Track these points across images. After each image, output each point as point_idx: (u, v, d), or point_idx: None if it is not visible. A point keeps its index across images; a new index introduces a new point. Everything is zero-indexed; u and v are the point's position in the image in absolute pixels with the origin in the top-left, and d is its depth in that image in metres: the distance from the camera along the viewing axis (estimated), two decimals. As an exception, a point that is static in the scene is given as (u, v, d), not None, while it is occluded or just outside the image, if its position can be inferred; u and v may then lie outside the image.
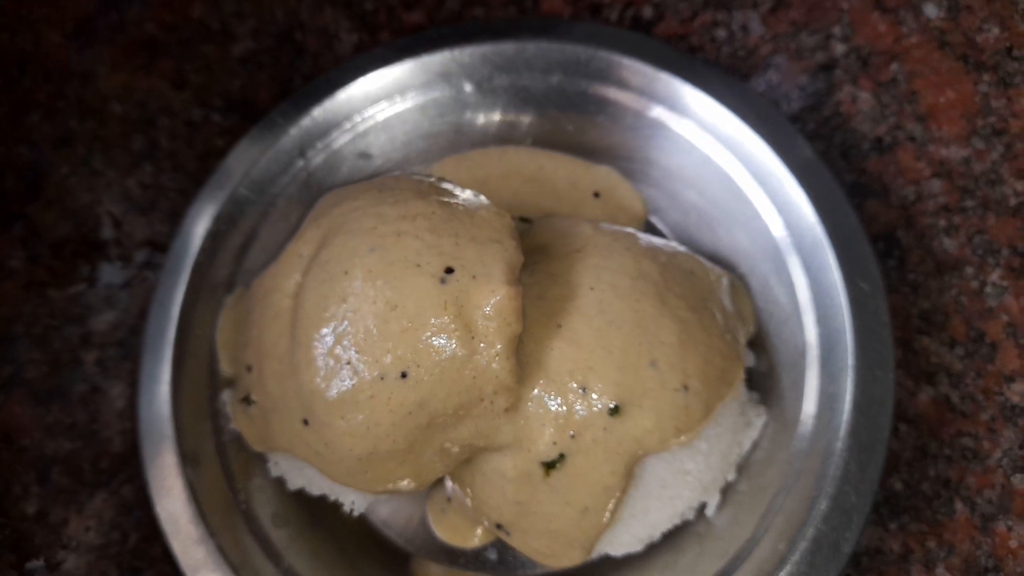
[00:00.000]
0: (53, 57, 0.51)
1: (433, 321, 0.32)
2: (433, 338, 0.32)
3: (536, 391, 0.34)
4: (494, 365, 0.33)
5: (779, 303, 0.39)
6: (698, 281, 0.38)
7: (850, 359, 0.36)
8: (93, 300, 0.45)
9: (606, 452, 0.34)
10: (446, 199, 0.35)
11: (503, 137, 0.44)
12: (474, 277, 0.33)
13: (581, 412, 0.34)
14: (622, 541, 0.37)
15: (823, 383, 0.36)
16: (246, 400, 0.38)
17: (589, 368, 0.34)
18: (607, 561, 0.38)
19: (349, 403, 0.33)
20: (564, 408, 0.34)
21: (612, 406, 0.34)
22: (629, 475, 0.35)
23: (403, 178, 0.38)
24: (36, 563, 0.40)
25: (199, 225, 0.41)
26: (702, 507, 0.37)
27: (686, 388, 0.35)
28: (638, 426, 0.34)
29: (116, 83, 0.50)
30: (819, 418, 0.36)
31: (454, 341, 0.32)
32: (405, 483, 0.35)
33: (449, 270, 0.33)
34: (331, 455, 0.34)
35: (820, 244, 0.38)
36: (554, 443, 0.34)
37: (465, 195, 0.36)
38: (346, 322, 0.33)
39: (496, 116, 0.44)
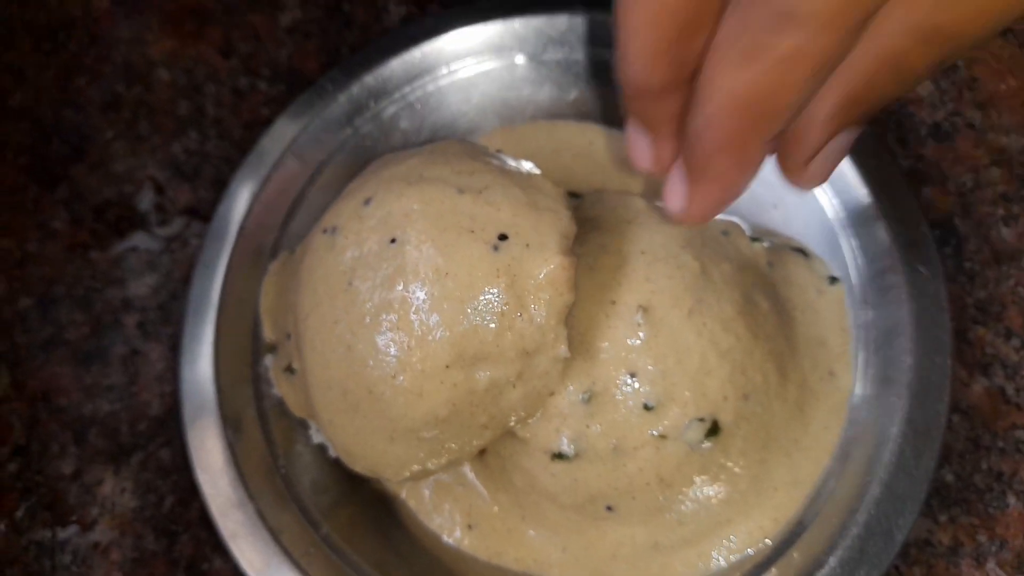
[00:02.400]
0: (101, 22, 0.51)
1: (485, 291, 0.32)
2: (484, 308, 0.32)
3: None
4: (547, 336, 0.32)
5: (834, 285, 0.38)
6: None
7: (908, 344, 0.35)
8: (135, 264, 0.45)
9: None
10: (499, 163, 0.35)
11: (554, 111, 0.44)
12: (527, 246, 0.32)
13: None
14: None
15: (878, 367, 0.36)
16: (289, 369, 0.38)
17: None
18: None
19: (389, 376, 0.32)
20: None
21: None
22: None
23: (455, 142, 0.37)
24: (70, 522, 0.40)
25: (245, 190, 0.41)
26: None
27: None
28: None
29: (164, 49, 0.50)
30: (873, 402, 0.35)
31: (505, 311, 0.32)
32: (433, 463, 0.34)
33: (503, 237, 0.32)
34: (363, 430, 0.34)
35: (878, 227, 0.37)
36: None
37: (517, 164, 0.36)
38: (393, 289, 0.33)
39: (547, 90, 0.43)
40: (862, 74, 0.23)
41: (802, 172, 0.27)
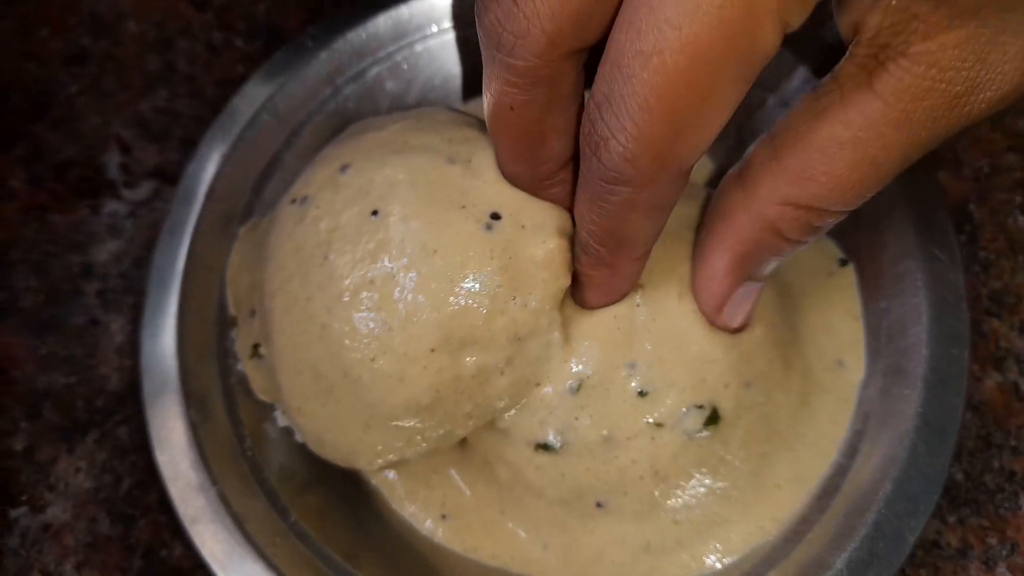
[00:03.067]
0: (67, -31, 0.48)
1: (477, 271, 0.29)
2: (475, 289, 0.29)
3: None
4: (540, 321, 0.30)
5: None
6: None
7: (923, 334, 0.33)
8: (96, 228, 0.42)
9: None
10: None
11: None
12: (523, 227, 0.30)
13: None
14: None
15: (891, 358, 0.33)
16: (254, 350, 0.35)
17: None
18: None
19: (367, 358, 0.30)
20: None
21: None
22: None
23: (443, 109, 0.35)
24: (20, 502, 0.37)
25: (215, 151, 0.38)
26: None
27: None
28: None
29: (132, 0, 0.47)
30: (884, 395, 0.33)
31: (498, 293, 0.29)
32: (410, 452, 0.32)
33: (495, 216, 0.30)
34: (336, 417, 0.32)
35: (894, 209, 0.35)
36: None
37: None
38: (375, 264, 0.30)
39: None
40: (747, 236, 0.28)
41: (716, 318, 0.31)
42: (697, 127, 0.22)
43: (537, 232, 0.30)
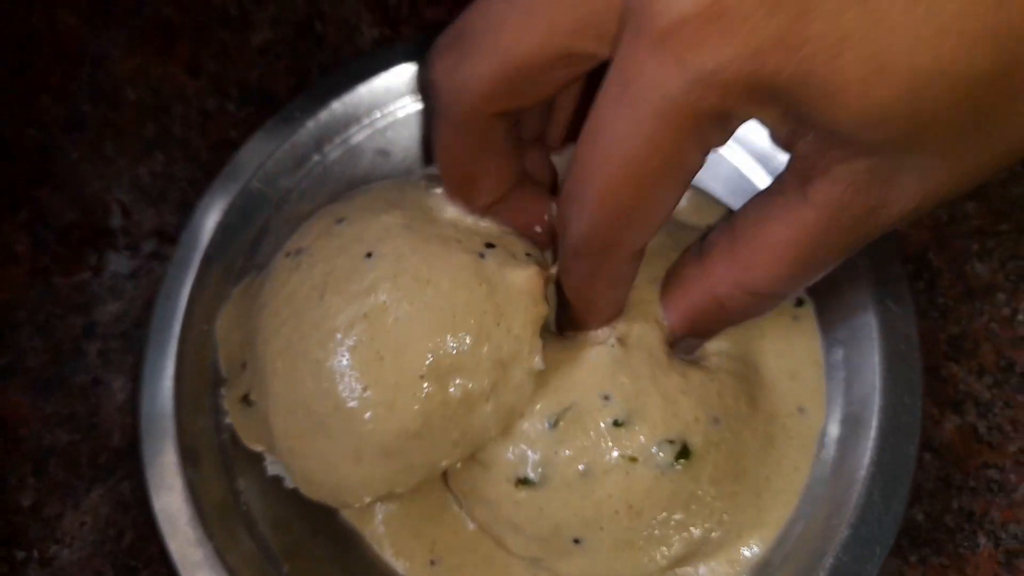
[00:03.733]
0: (67, 38, 0.50)
1: (466, 298, 0.32)
2: (463, 317, 0.31)
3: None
4: (522, 348, 0.32)
5: (805, 322, 0.38)
6: None
7: (877, 383, 0.34)
8: (98, 290, 0.44)
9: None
10: None
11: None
12: (513, 255, 0.33)
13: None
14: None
15: (847, 407, 0.35)
16: (245, 399, 0.37)
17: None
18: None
19: (360, 389, 0.32)
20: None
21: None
22: None
23: (426, 178, 0.37)
24: (28, 555, 0.39)
25: (210, 217, 0.40)
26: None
27: None
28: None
29: (130, 67, 0.49)
30: (842, 443, 0.35)
31: (483, 320, 0.32)
32: (399, 485, 0.34)
33: (490, 245, 0.33)
34: (327, 453, 0.33)
35: (851, 262, 0.36)
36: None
37: None
38: (368, 299, 0.32)
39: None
40: (697, 305, 0.32)
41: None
42: (638, 220, 0.27)
43: (519, 261, 0.33)
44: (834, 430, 0.35)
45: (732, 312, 0.31)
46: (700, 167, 0.26)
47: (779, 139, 0.26)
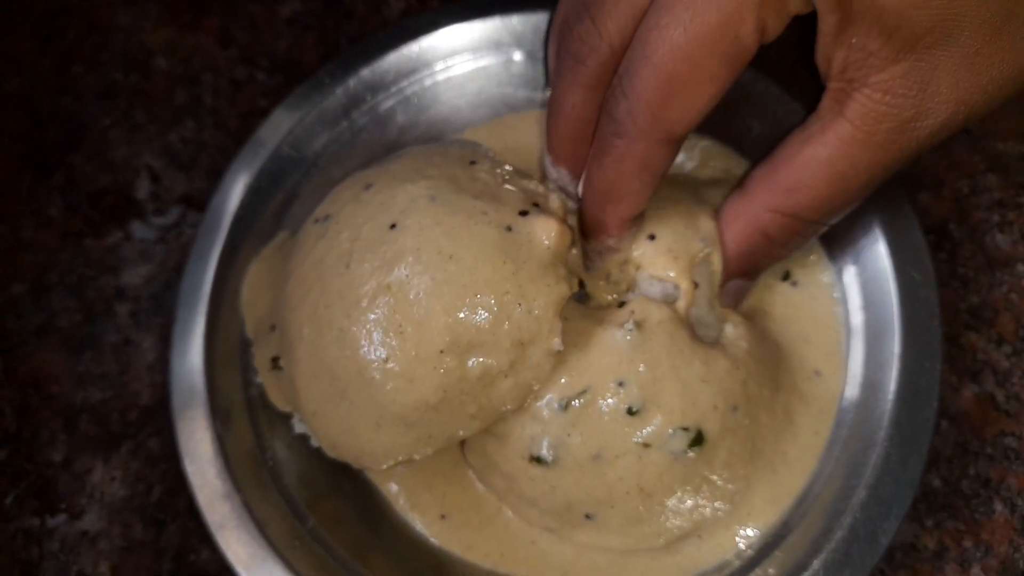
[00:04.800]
0: (99, 10, 0.51)
1: (488, 278, 0.32)
2: (484, 295, 0.32)
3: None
4: (542, 328, 0.32)
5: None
6: None
7: (897, 348, 0.35)
8: (129, 253, 0.45)
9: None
10: (500, 173, 0.36)
11: (549, 108, 0.43)
12: (532, 230, 0.33)
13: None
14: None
15: (867, 371, 0.36)
16: (274, 363, 0.38)
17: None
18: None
19: (381, 360, 0.32)
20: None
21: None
22: None
23: (455, 143, 0.38)
24: (59, 510, 0.40)
25: (240, 181, 0.41)
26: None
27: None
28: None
29: (161, 38, 0.50)
30: (861, 406, 0.35)
31: (506, 299, 0.32)
32: (417, 452, 0.34)
33: (523, 213, 0.33)
34: (349, 418, 0.34)
35: (872, 230, 0.37)
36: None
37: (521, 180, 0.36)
38: (393, 271, 0.33)
39: (544, 87, 0.43)
40: (743, 239, 0.33)
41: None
42: (687, 97, 0.28)
43: (549, 219, 0.33)
44: (854, 393, 0.36)
45: (777, 241, 0.32)
46: (752, 53, 0.28)
47: (825, 45, 0.27)
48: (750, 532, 0.35)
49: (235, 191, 0.41)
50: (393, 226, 0.33)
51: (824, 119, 0.29)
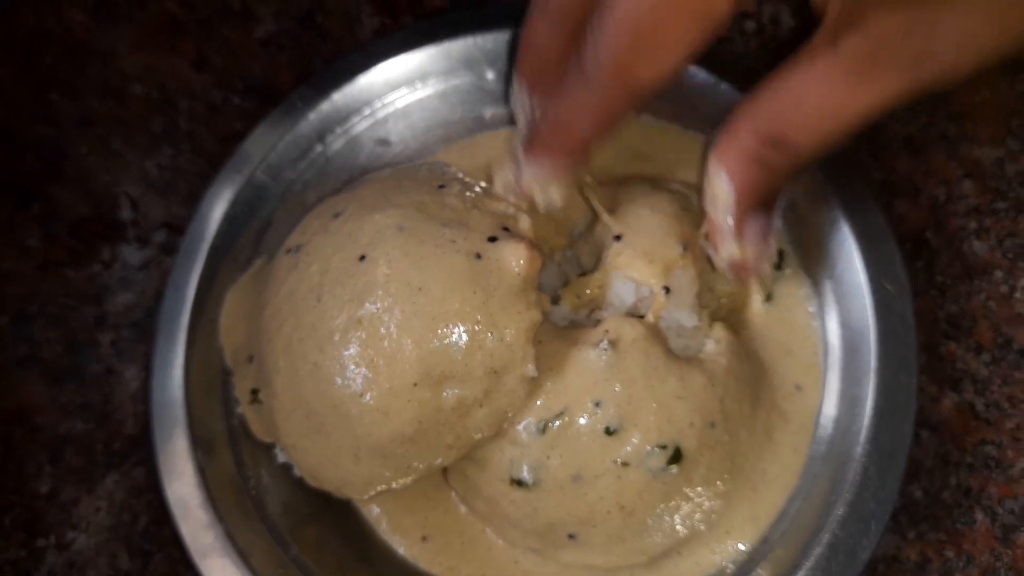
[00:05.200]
0: (75, 35, 0.51)
1: (458, 308, 0.32)
2: (455, 326, 0.32)
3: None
4: (515, 355, 0.32)
5: (801, 303, 0.38)
6: None
7: (873, 362, 0.35)
8: (109, 281, 0.45)
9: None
10: (468, 196, 0.35)
11: (524, 127, 0.43)
12: (504, 253, 0.33)
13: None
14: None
15: (844, 386, 0.36)
16: (253, 394, 0.38)
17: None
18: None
19: (356, 394, 0.32)
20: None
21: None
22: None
23: (424, 167, 0.37)
24: (46, 541, 0.40)
25: (216, 208, 0.41)
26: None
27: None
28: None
29: (137, 63, 0.50)
30: (839, 422, 0.35)
31: (476, 329, 0.32)
32: (398, 481, 0.34)
33: (492, 239, 0.33)
34: (328, 450, 0.34)
35: (845, 243, 0.37)
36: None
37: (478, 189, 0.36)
38: (363, 305, 0.33)
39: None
40: (740, 169, 0.32)
41: (744, 270, 0.34)
42: (653, 53, 0.28)
43: (519, 244, 0.33)
44: (831, 410, 0.36)
45: (772, 168, 0.31)
46: (725, 14, 0.27)
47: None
48: (731, 549, 0.35)
49: (212, 219, 0.41)
50: (362, 258, 0.33)
51: (814, 52, 0.28)
